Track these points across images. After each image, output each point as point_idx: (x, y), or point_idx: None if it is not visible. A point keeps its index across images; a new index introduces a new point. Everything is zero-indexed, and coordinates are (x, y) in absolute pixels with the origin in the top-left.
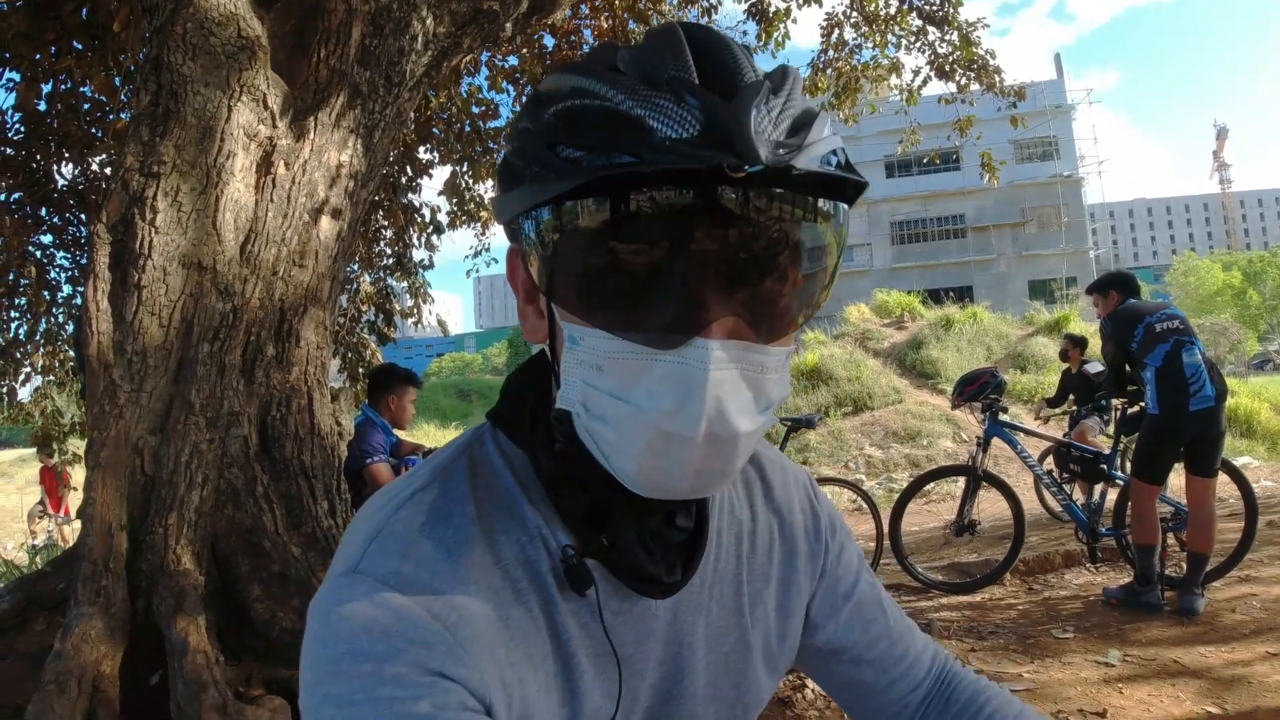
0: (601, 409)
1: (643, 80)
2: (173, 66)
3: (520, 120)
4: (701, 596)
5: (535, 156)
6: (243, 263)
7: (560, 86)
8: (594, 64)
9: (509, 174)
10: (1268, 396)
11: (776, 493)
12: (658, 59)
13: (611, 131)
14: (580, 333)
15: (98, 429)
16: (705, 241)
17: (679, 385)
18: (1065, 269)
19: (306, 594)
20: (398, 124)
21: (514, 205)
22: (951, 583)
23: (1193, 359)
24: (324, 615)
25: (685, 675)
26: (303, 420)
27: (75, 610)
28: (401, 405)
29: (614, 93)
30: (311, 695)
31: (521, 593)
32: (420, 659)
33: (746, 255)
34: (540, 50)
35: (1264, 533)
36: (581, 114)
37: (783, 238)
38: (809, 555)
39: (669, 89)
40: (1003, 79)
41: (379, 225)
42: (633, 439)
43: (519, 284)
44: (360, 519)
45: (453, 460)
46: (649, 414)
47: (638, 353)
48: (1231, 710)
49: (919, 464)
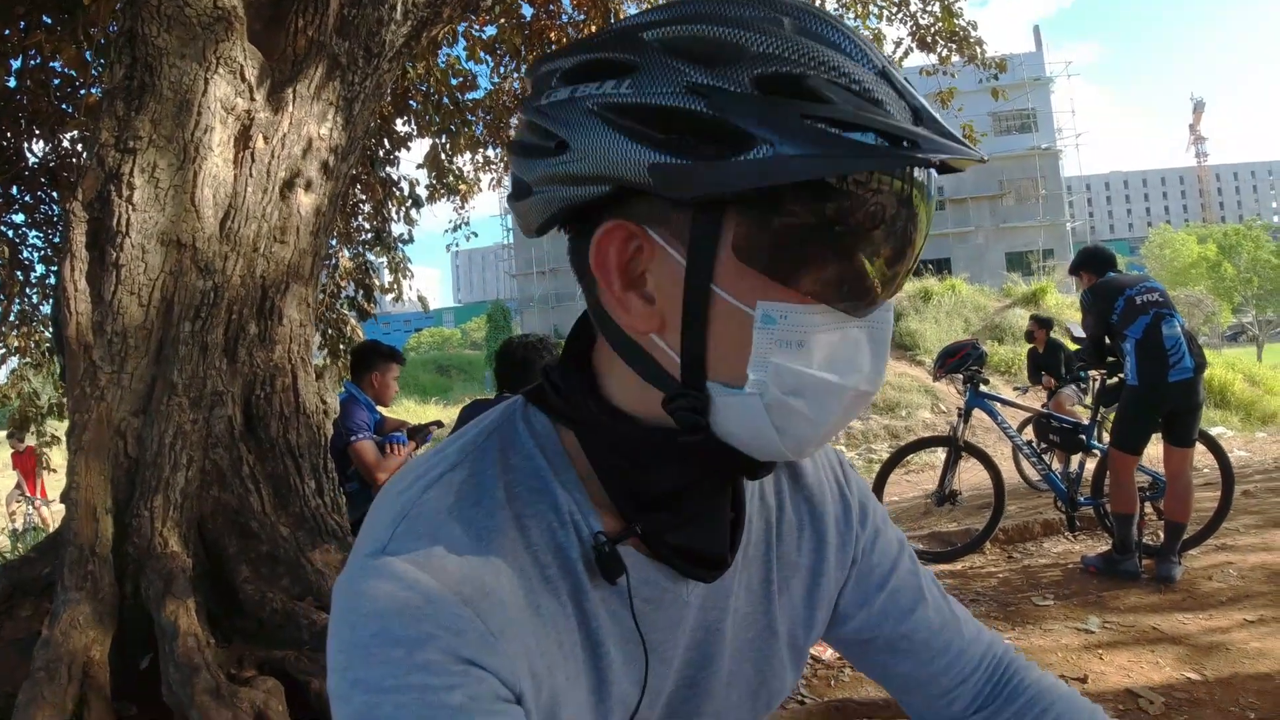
0: (797, 382)
1: (844, 57)
2: (147, 39)
3: (674, 75)
4: (730, 583)
5: (778, 124)
6: (223, 239)
7: (735, 44)
8: (755, 23)
9: (697, 138)
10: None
11: (807, 479)
12: (839, 37)
13: (861, 111)
14: (783, 310)
15: (79, 412)
16: (917, 219)
17: (872, 348)
18: (1043, 241)
19: (296, 574)
20: (377, 96)
21: (750, 175)
22: (933, 552)
23: (1172, 331)
24: (352, 597)
25: (711, 662)
26: (287, 399)
27: (63, 596)
28: (385, 382)
29: (843, 68)
30: (340, 680)
31: (551, 579)
32: (452, 646)
33: (924, 228)
34: (519, 20)
35: (1240, 502)
36: (814, 84)
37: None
38: (839, 545)
39: (884, 76)
40: (984, 51)
41: (357, 200)
42: (828, 407)
43: (615, 267)
44: (385, 499)
45: (482, 440)
46: (849, 379)
47: (842, 323)
48: (1210, 676)
49: (898, 435)
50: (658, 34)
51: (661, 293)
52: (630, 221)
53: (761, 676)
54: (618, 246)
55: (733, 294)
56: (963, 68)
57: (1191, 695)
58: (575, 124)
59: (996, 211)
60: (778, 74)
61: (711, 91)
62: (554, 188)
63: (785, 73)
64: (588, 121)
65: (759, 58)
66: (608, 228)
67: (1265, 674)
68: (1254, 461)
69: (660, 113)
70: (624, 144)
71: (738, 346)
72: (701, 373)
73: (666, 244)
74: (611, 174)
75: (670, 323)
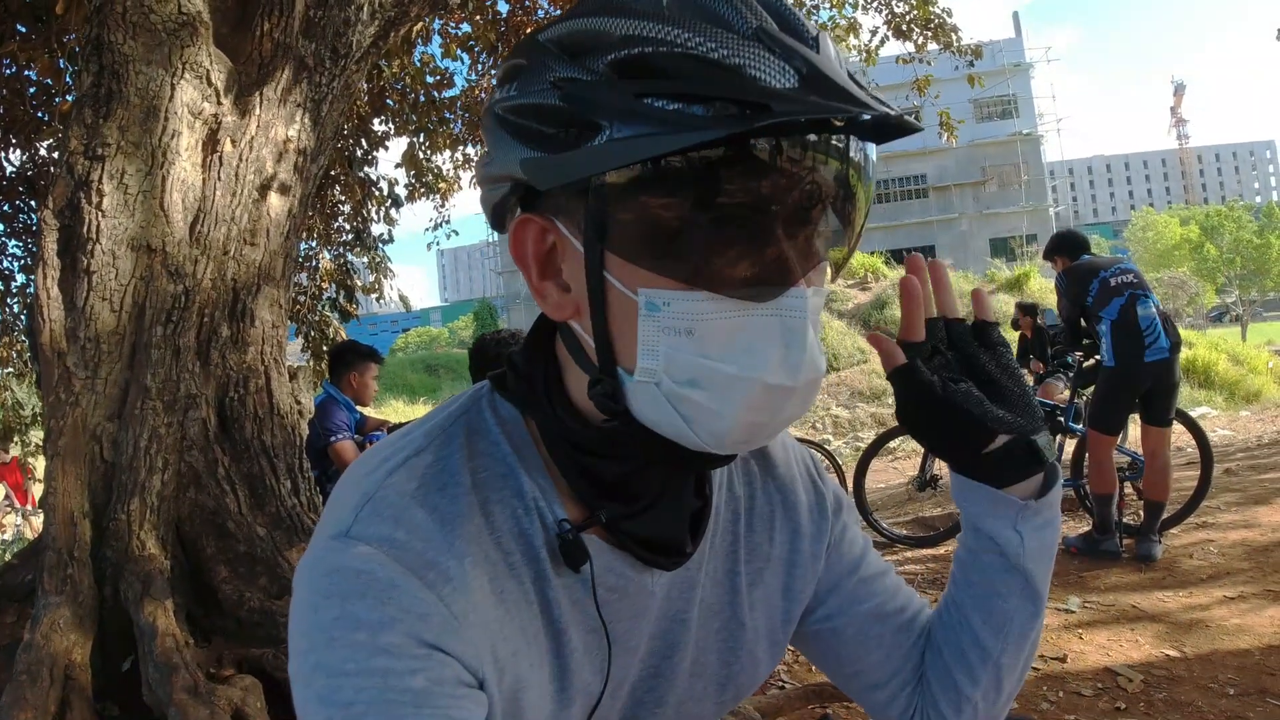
0: (691, 373)
1: (716, 26)
2: (114, 46)
3: (544, 71)
4: (695, 573)
5: (614, 109)
6: (193, 243)
7: (602, 32)
8: (632, 9)
9: (558, 130)
10: (1225, 348)
11: (779, 470)
12: (720, 4)
13: (708, 81)
14: (665, 297)
15: (54, 417)
16: (814, 191)
17: (781, 337)
18: (1026, 226)
19: (273, 573)
20: (346, 97)
21: (587, 163)
22: (916, 537)
23: (1147, 311)
24: (314, 579)
25: (675, 651)
26: (261, 400)
27: (43, 600)
28: (363, 382)
29: (697, 39)
30: (302, 662)
31: (514, 566)
32: (415, 630)
33: (843, 203)
34: (494, 16)
35: (1221, 480)
36: (664, 61)
37: (861, 184)
38: (814, 535)
39: (756, 38)
40: (959, 37)
41: (336, 200)
42: (731, 399)
43: (531, 258)
44: (349, 482)
45: (449, 425)
46: (752, 371)
47: (737, 310)
48: (1190, 653)
49: (885, 422)
50: (549, 33)
51: (574, 280)
52: (539, 215)
53: (728, 668)
54: (533, 238)
55: (621, 280)
56: (939, 55)
57: (1171, 672)
58: (489, 128)
59: (980, 198)
60: (629, 56)
61: (567, 83)
62: (485, 189)
63: (637, 53)
64: (493, 125)
65: (619, 42)
66: (519, 221)
67: (1244, 650)
68: (1237, 440)
69: (532, 110)
70: (510, 143)
71: (633, 333)
72: (612, 359)
73: (570, 234)
74: (505, 173)
75: (584, 310)
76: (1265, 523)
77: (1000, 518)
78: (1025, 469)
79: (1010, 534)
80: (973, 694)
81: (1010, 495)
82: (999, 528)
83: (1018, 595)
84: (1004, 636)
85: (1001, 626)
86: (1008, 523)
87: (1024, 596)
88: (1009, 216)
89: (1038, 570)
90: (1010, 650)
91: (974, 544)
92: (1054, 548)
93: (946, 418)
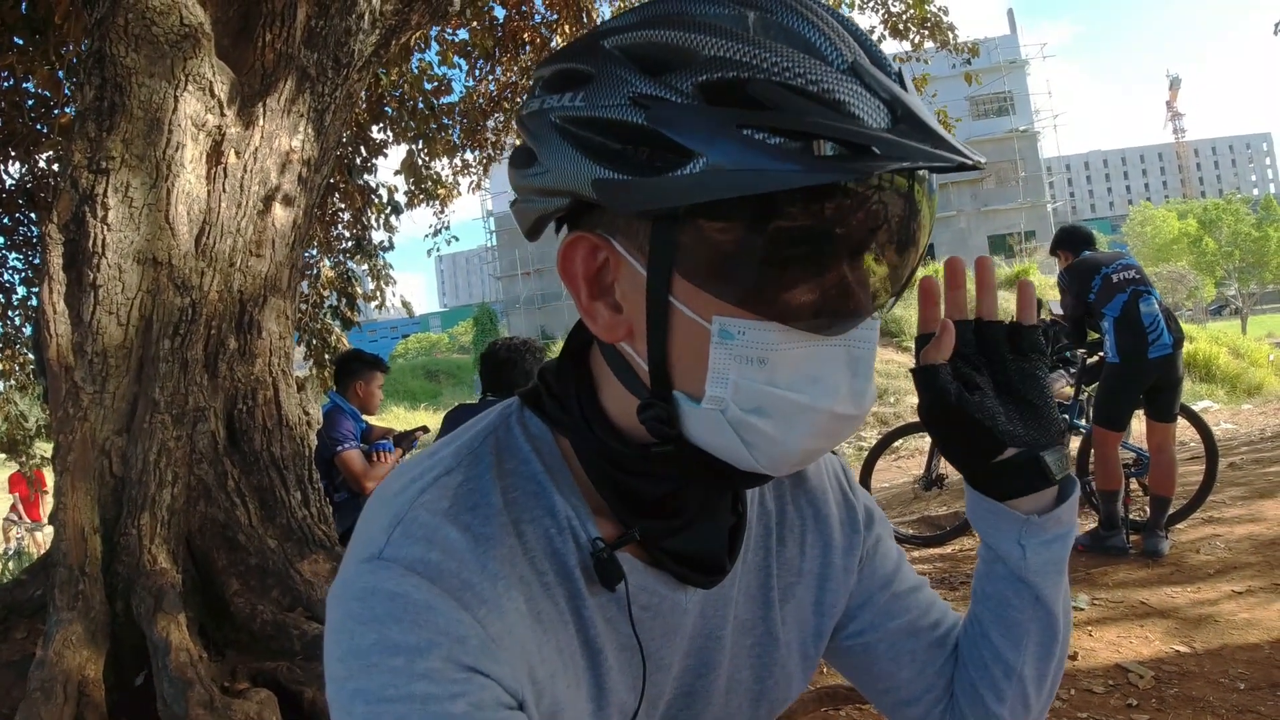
0: (759, 401)
1: (810, 56)
2: (116, 59)
3: (620, 85)
4: (729, 590)
5: (711, 137)
6: (198, 255)
7: (686, 49)
8: (716, 26)
9: (638, 150)
10: (1226, 341)
11: (810, 482)
12: (811, 32)
13: (808, 115)
14: (740, 326)
15: (63, 433)
16: (893, 231)
17: (849, 367)
18: (1024, 223)
19: (285, 585)
20: (348, 105)
21: (683, 192)
22: (923, 536)
23: (1150, 308)
24: (348, 604)
25: (710, 669)
26: (270, 412)
27: (55, 616)
28: (369, 391)
29: (795, 68)
30: (340, 690)
31: (549, 586)
32: (454, 654)
33: (915, 238)
34: (491, 23)
35: (1226, 474)
36: (758, 90)
37: (929, 224)
38: (845, 548)
39: (853, 72)
40: (955, 35)
41: (336, 208)
42: (796, 427)
43: (581, 277)
44: (379, 503)
45: (478, 444)
46: (820, 400)
47: (809, 341)
48: (1199, 648)
49: (887, 421)
50: (616, 41)
51: (628, 302)
52: (595, 233)
53: (762, 683)
54: (584, 257)
55: (690, 307)
56: (935, 53)
57: (1181, 668)
58: (542, 136)
59: (978, 195)
60: (722, 80)
61: (653, 102)
62: (529, 199)
63: (731, 78)
64: (550, 134)
65: (707, 63)
66: (571, 239)
67: (1254, 644)
68: (1240, 433)
69: (607, 125)
70: (575, 157)
71: (699, 359)
72: (668, 383)
73: (629, 255)
74: (567, 187)
75: (638, 332)
76: (1271, 516)
77: (1003, 531)
78: (1031, 484)
79: (1013, 548)
80: (999, 710)
81: (1014, 509)
82: (1001, 540)
83: (1030, 607)
84: (1022, 649)
85: (1019, 639)
86: (1011, 537)
87: (1036, 609)
88: (1007, 213)
89: (1045, 584)
90: (1031, 663)
91: (985, 555)
92: (1063, 561)
93: (958, 425)
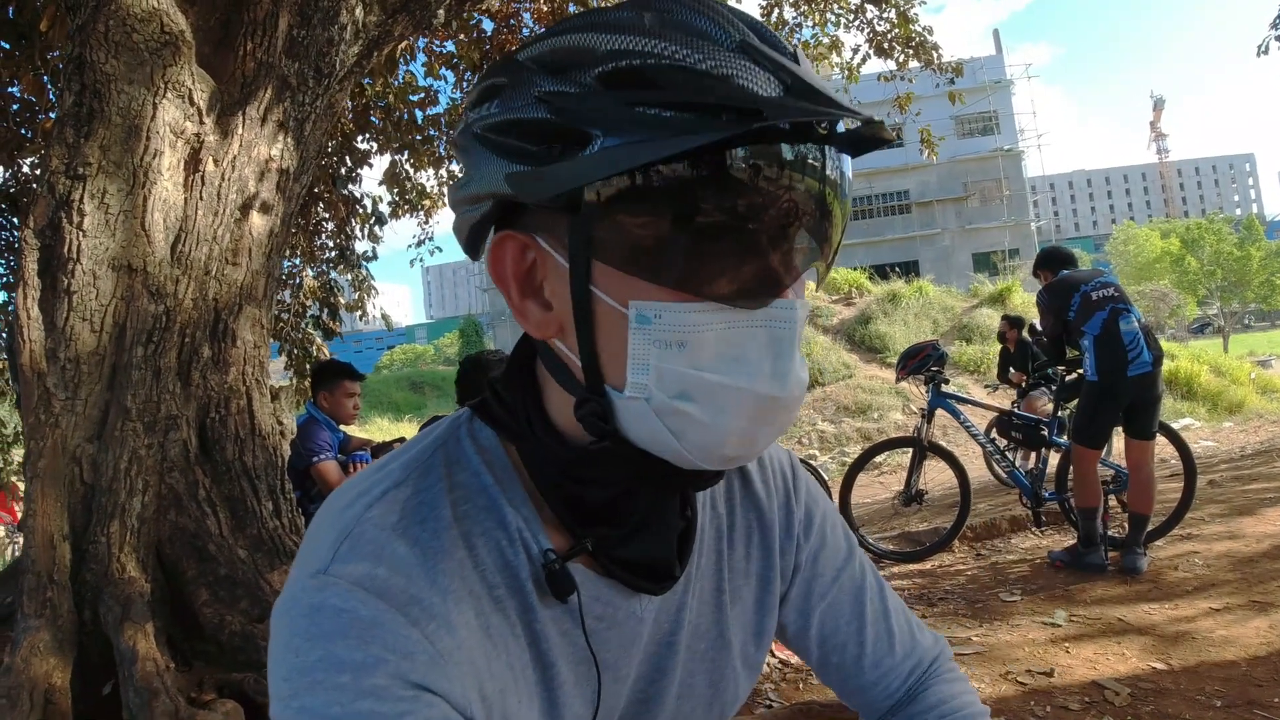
0: (682, 385)
1: (701, 40)
2: (95, 65)
3: (528, 87)
4: (683, 595)
5: (606, 118)
6: (174, 263)
7: (586, 48)
8: (615, 24)
9: (546, 144)
10: (1207, 359)
11: (755, 486)
12: (702, 20)
13: (699, 90)
14: (656, 309)
15: (34, 439)
16: (805, 199)
17: (770, 347)
18: (1008, 241)
19: (254, 596)
20: (329, 116)
21: (582, 172)
22: (902, 552)
23: (1129, 326)
24: (293, 620)
25: (663, 675)
26: (243, 421)
27: (22, 623)
28: (336, 399)
29: (684, 52)
30: (285, 708)
31: (500, 600)
32: (401, 670)
33: (825, 215)
34: (478, 35)
35: (1205, 491)
36: (654, 73)
37: (841, 197)
38: (782, 552)
39: (741, 50)
40: (940, 55)
41: (319, 218)
42: (725, 411)
43: (511, 276)
44: (326, 517)
45: (427, 456)
46: (742, 380)
47: (728, 321)
48: (1176, 665)
49: (870, 437)
50: (528, 53)
51: (556, 298)
52: (520, 232)
53: (715, 688)
54: (512, 257)
55: (609, 294)
56: (920, 73)
57: (1158, 685)
58: (468, 148)
59: (962, 213)
60: (617, 69)
61: (555, 97)
62: (462, 210)
63: (625, 66)
64: (473, 145)
65: (605, 56)
66: (498, 239)
67: (1231, 661)
68: (1220, 451)
69: (518, 125)
70: (493, 160)
71: (622, 348)
72: (600, 377)
73: (553, 250)
74: (488, 190)
75: (567, 327)
76: (1250, 534)
77: None
78: None
79: None
80: None
81: None
82: None
83: None
84: None
85: None
86: None
87: None
88: (991, 231)
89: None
90: None
91: None
92: None
93: None
